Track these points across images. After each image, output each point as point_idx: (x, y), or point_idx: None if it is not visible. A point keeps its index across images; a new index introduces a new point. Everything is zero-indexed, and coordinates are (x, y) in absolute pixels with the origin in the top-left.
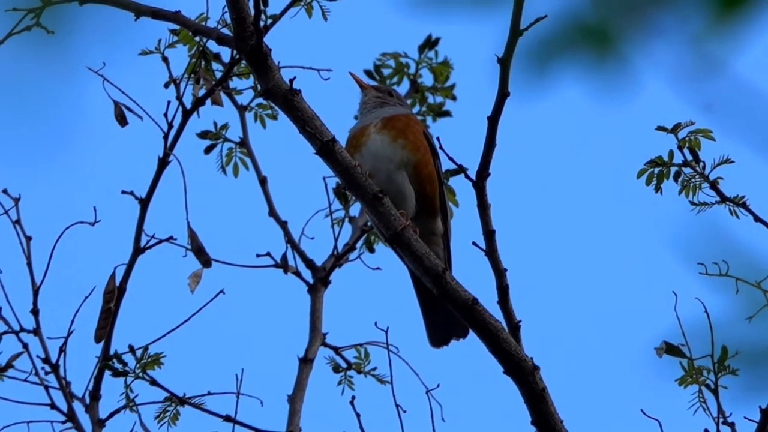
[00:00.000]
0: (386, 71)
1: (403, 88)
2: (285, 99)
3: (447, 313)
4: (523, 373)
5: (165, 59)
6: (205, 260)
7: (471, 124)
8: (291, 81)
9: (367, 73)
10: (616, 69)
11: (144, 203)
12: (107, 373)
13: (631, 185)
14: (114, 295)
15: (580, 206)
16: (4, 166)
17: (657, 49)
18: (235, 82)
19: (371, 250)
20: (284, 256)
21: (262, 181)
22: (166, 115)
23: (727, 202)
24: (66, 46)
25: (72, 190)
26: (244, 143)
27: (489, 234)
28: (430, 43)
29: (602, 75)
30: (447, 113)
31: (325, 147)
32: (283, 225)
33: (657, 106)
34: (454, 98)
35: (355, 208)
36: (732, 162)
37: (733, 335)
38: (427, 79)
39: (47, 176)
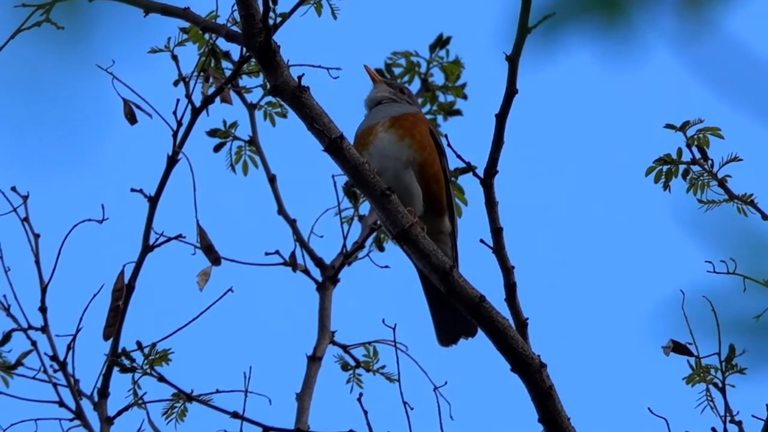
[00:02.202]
0: (397, 70)
1: (414, 87)
2: (293, 96)
3: (455, 312)
4: (531, 371)
5: (174, 57)
6: (215, 258)
7: (482, 123)
8: (299, 78)
9: (378, 72)
10: (624, 34)
11: (153, 201)
12: (116, 371)
13: (639, 182)
14: (123, 292)
15: (587, 204)
16: (12, 163)
17: (658, 12)
18: (244, 80)
19: (381, 249)
20: (293, 255)
21: (271, 180)
22: (175, 113)
23: (736, 200)
24: (76, 43)
25: (81, 188)
26: (253, 141)
27: (497, 231)
28: (441, 42)
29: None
30: (458, 112)
31: (333, 144)
32: (292, 223)
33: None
34: (465, 97)
35: (365, 207)
36: (740, 160)
37: (736, 308)
38: (438, 78)
39: (56, 174)
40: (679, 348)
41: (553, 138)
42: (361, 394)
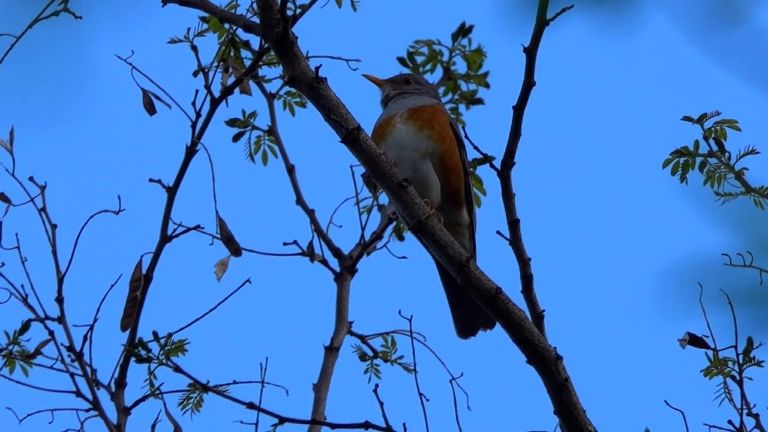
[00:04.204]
0: (419, 59)
1: (437, 75)
2: (310, 87)
3: (474, 304)
4: (547, 363)
5: (194, 48)
6: (235, 249)
7: (504, 112)
8: (317, 69)
9: (400, 60)
10: (622, 5)
11: (171, 192)
12: (132, 361)
13: (656, 174)
14: (140, 283)
15: (604, 196)
16: (29, 152)
17: None
18: (264, 70)
19: (401, 238)
20: (311, 245)
21: (290, 170)
22: (194, 103)
23: (753, 193)
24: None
25: (99, 178)
26: (272, 131)
27: (513, 223)
28: (463, 31)
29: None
30: (480, 101)
31: (350, 135)
32: (311, 213)
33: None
34: (487, 86)
35: (384, 197)
36: (758, 152)
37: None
38: (460, 66)
39: (74, 164)
40: (695, 341)
41: (570, 129)
42: (377, 386)
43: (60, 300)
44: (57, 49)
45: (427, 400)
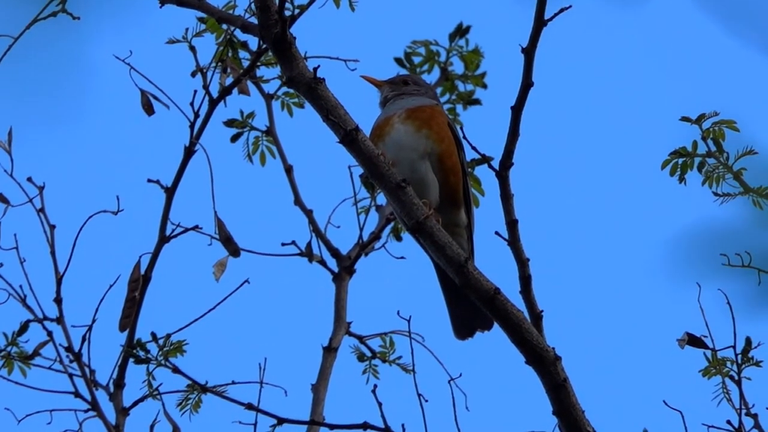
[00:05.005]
0: (417, 59)
1: (434, 76)
2: (308, 87)
3: (471, 305)
4: (545, 363)
5: (192, 48)
6: (234, 249)
7: (502, 112)
8: (315, 70)
9: (397, 61)
10: None
11: (170, 192)
12: (131, 362)
13: (654, 175)
14: (139, 283)
15: (602, 197)
16: (28, 152)
17: None
18: (262, 71)
19: (399, 239)
20: (309, 245)
21: (288, 170)
22: (192, 104)
23: (751, 193)
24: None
25: (98, 179)
26: (270, 131)
27: (512, 224)
28: (460, 31)
29: None
30: (477, 101)
31: (348, 136)
32: (309, 213)
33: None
34: (484, 86)
35: (382, 197)
36: (756, 153)
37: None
38: (457, 67)
39: (73, 165)
40: (694, 341)
41: (569, 130)
42: (375, 386)
43: (58, 300)
44: (55, 50)
45: (426, 401)
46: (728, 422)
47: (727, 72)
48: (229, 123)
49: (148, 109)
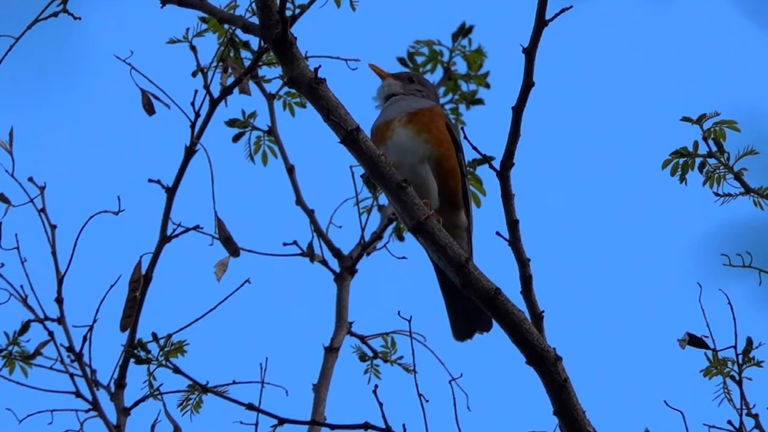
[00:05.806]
0: (420, 59)
1: (437, 75)
2: (309, 87)
3: (470, 306)
4: (546, 363)
5: (193, 48)
6: (234, 249)
7: (505, 112)
8: (316, 70)
9: (400, 60)
10: None
11: (171, 192)
12: (132, 362)
13: (655, 175)
14: (140, 283)
15: (604, 197)
16: (29, 152)
17: None
18: (263, 70)
19: (401, 239)
20: (311, 245)
21: (290, 170)
22: (193, 104)
23: (752, 194)
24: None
25: (99, 179)
26: (272, 131)
27: (513, 224)
28: (463, 31)
29: None
30: (480, 101)
31: (349, 136)
32: (310, 214)
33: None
34: (487, 86)
35: (384, 197)
36: (756, 153)
37: None
38: (461, 66)
39: (73, 164)
40: (695, 341)
41: (570, 130)
42: (376, 386)
43: (59, 300)
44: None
45: (427, 401)
46: (729, 422)
47: (743, 65)
48: (231, 123)
49: (149, 109)
